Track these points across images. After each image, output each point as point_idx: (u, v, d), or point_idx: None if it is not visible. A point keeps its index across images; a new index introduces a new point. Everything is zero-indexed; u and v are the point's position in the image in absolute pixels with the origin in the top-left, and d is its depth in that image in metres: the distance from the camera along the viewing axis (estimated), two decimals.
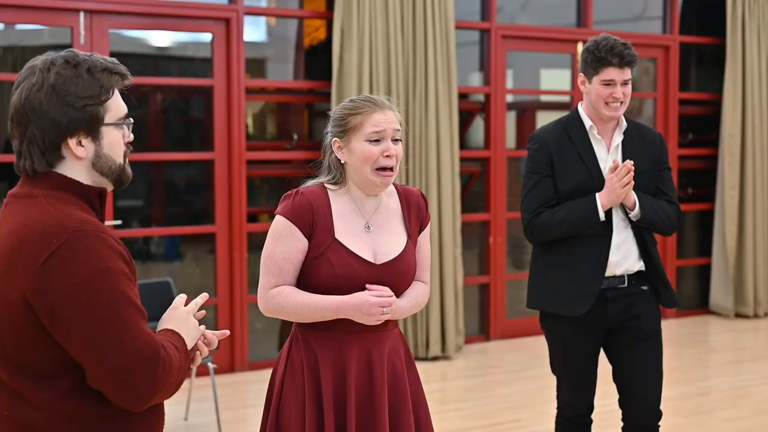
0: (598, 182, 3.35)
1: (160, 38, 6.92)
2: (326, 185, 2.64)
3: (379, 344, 2.61)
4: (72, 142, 1.84)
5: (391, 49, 6.22)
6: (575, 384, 3.50)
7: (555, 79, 7.99)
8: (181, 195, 8.14)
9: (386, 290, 2.54)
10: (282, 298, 2.56)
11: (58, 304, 1.73)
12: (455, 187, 6.53)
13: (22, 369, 1.80)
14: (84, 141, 1.85)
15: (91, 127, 1.85)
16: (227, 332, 2.14)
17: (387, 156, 2.56)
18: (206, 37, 6.30)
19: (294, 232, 2.55)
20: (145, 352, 1.77)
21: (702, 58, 8.51)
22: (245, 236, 6.08)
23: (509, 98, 7.54)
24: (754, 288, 7.88)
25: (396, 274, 2.60)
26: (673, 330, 7.61)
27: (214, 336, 2.06)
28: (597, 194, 3.32)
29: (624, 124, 3.45)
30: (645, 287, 3.43)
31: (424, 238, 2.74)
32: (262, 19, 7.70)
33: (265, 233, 2.64)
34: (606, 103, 3.34)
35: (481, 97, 7.24)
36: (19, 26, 6.50)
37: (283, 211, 2.58)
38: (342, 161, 2.61)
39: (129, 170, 1.96)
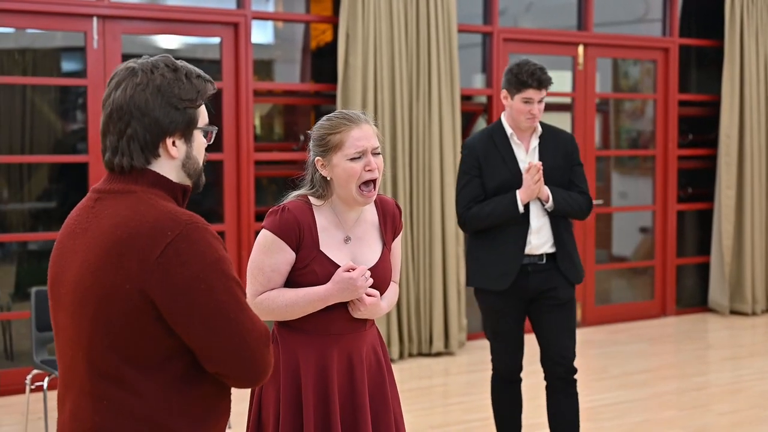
0: (518, 180, 3.93)
1: (169, 41, 7.08)
2: (310, 198, 2.76)
3: (359, 343, 2.74)
4: (169, 142, 1.92)
5: (395, 52, 6.37)
6: (504, 344, 4.05)
7: (556, 81, 8.06)
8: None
9: (350, 264, 2.68)
10: (270, 300, 2.68)
11: (179, 294, 1.81)
12: None
13: (129, 358, 1.85)
14: (178, 142, 1.94)
15: (187, 129, 1.94)
16: None
17: (369, 170, 2.68)
18: (212, 40, 6.46)
19: (282, 246, 2.68)
20: (260, 331, 1.89)
21: (702, 59, 8.63)
22: (253, 235, 6.24)
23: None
24: (752, 286, 8.01)
25: (375, 280, 2.73)
26: (672, 327, 7.75)
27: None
28: (517, 191, 3.89)
29: (539, 129, 4.04)
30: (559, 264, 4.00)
31: (397, 244, 2.89)
32: (269, 22, 7.85)
33: None
34: (525, 118, 3.94)
35: (483, 99, 7.39)
36: (31, 30, 6.65)
37: (271, 226, 2.70)
38: (327, 177, 2.72)
39: (203, 175, 2.05)
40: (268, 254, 2.70)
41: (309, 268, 2.68)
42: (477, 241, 4.03)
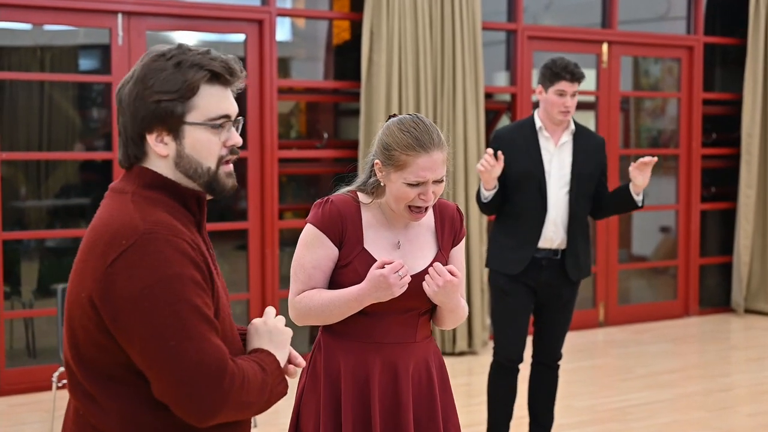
0: (538, 171, 4.07)
1: (194, 38, 7.06)
2: (359, 194, 2.58)
3: (407, 356, 2.53)
4: (151, 138, 1.74)
5: (419, 49, 6.34)
6: (509, 329, 4.16)
7: None
8: None
9: (385, 259, 2.44)
10: (307, 299, 2.51)
11: (121, 309, 1.64)
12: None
13: (95, 371, 1.71)
14: (166, 138, 1.75)
15: (169, 124, 1.73)
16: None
17: (423, 199, 2.47)
18: (236, 37, 6.44)
19: (324, 240, 2.52)
20: (208, 364, 1.64)
21: (726, 57, 8.57)
22: (277, 233, 6.21)
23: (534, 97, 7.63)
24: None
25: (422, 287, 2.48)
26: (695, 327, 7.70)
27: (299, 356, 1.93)
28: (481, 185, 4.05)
29: (572, 126, 4.16)
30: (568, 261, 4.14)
31: (458, 253, 2.66)
32: (287, 19, 7.83)
33: (294, 230, 2.67)
34: (558, 111, 4.05)
35: (506, 97, 7.34)
36: (48, 27, 6.64)
37: (314, 219, 2.54)
38: (381, 183, 2.54)
39: (225, 179, 1.81)
40: (310, 249, 2.53)
41: (351, 266, 2.50)
42: (498, 226, 4.22)
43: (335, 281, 2.54)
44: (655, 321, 7.84)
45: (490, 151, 3.97)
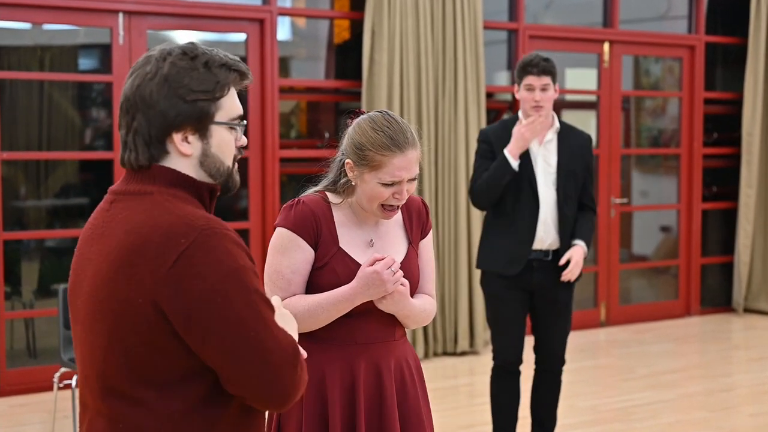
0: (527, 169, 4.05)
1: (194, 37, 7.05)
2: (328, 194, 2.53)
3: (388, 354, 2.52)
4: (177, 137, 1.72)
5: (421, 48, 6.33)
6: (505, 334, 4.15)
7: (580, 78, 8.06)
8: None
9: (376, 256, 2.43)
10: (291, 307, 2.41)
11: (193, 308, 1.62)
12: None
13: (146, 377, 1.68)
14: (191, 138, 1.74)
15: (200, 123, 1.73)
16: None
17: (397, 197, 2.45)
18: (235, 37, 6.43)
19: (300, 243, 2.45)
20: (286, 349, 1.68)
21: (727, 57, 8.56)
22: None
23: None
24: None
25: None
26: (697, 327, 7.69)
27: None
28: (505, 149, 4.00)
29: (557, 124, 4.15)
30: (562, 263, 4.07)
31: (427, 247, 2.64)
32: (287, 18, 7.81)
33: None
34: (529, 106, 4.04)
35: (508, 96, 7.33)
36: (48, 26, 6.62)
37: (285, 222, 2.47)
38: (353, 182, 2.49)
39: (237, 177, 1.84)
40: (285, 254, 2.45)
41: (329, 266, 2.45)
42: (491, 225, 4.17)
43: (312, 283, 2.49)
44: (656, 321, 7.84)
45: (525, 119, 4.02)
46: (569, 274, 4.01)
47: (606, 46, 7.48)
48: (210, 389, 1.70)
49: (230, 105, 1.78)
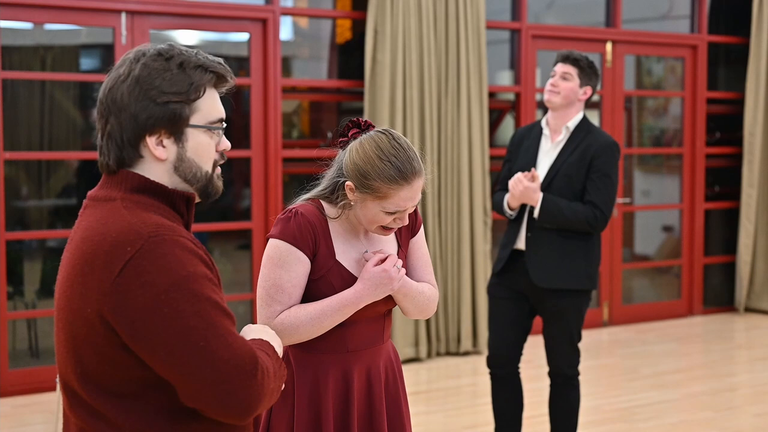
0: (527, 169, 4.03)
1: (197, 37, 7.04)
2: (323, 204, 2.46)
3: (378, 358, 2.51)
4: (151, 141, 1.67)
5: (423, 48, 6.32)
6: (492, 331, 4.16)
7: None
8: None
9: (380, 255, 2.42)
10: (293, 317, 2.38)
11: (139, 319, 1.57)
12: (486, 185, 6.62)
13: (104, 389, 1.64)
14: (166, 141, 1.68)
15: (174, 126, 1.67)
16: None
17: (398, 221, 2.41)
18: (238, 36, 6.42)
19: (299, 256, 2.39)
20: (242, 358, 1.60)
21: (730, 56, 8.56)
22: None
23: (538, 96, 7.61)
24: None
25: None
26: (699, 327, 7.68)
27: None
28: (505, 195, 4.08)
29: (570, 124, 4.05)
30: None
31: (419, 242, 2.61)
32: (290, 18, 7.81)
33: None
34: (547, 90, 4.05)
35: (510, 96, 7.32)
36: (50, 26, 6.62)
37: (283, 235, 2.39)
38: (351, 203, 2.42)
39: (218, 183, 1.77)
40: (285, 267, 2.37)
41: (324, 279, 2.41)
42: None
43: (306, 294, 2.44)
44: (659, 320, 7.83)
45: (534, 174, 3.95)
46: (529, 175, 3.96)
47: (608, 46, 7.47)
48: (173, 400, 1.64)
49: (208, 108, 1.72)
